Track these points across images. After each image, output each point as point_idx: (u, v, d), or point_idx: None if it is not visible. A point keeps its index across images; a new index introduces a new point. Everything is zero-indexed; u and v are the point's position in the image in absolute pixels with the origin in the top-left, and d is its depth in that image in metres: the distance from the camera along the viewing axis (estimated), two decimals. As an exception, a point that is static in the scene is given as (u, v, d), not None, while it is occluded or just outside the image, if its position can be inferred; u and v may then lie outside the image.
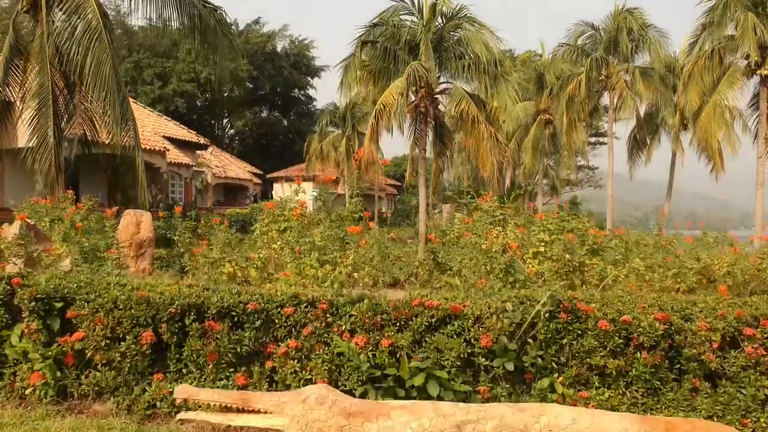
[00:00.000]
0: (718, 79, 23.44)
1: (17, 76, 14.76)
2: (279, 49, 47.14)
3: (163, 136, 24.88)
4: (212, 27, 15.56)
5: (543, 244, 6.03)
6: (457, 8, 20.87)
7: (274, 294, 4.80)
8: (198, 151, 30.04)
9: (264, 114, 50.08)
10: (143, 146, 16.33)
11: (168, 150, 23.79)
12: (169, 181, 25.76)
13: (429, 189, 24.53)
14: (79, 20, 14.04)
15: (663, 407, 4.72)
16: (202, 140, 29.56)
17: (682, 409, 4.71)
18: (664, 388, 4.77)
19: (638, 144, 32.16)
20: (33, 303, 4.63)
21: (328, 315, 4.70)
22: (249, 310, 4.60)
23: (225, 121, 48.62)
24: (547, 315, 4.66)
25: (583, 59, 29.46)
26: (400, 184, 48.86)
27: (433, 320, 4.65)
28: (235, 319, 4.64)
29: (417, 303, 4.74)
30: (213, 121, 48.03)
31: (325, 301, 4.72)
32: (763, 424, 4.66)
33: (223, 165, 36.06)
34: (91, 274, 5.27)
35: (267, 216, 6.37)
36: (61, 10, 14.27)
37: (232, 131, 49.28)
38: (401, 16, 21.27)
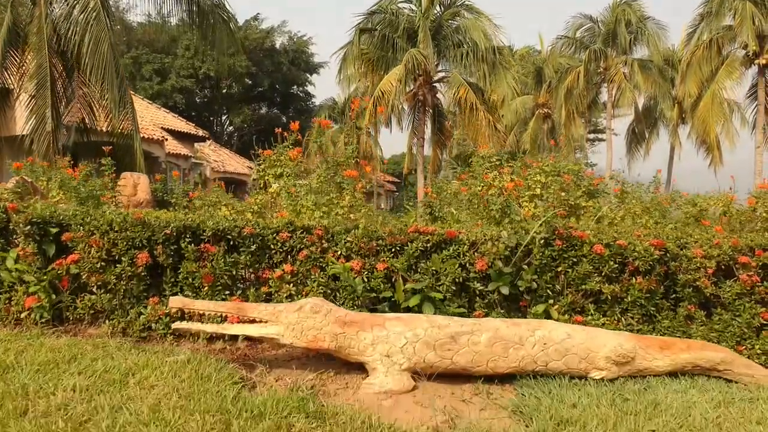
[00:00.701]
0: (716, 69, 23.54)
1: (15, 59, 14.76)
2: (278, 46, 47.13)
3: (162, 128, 24.88)
4: (210, 21, 15.55)
5: (540, 185, 6.05)
6: (456, -5, 21.01)
7: (270, 221, 4.80)
8: (196, 145, 30.02)
9: (263, 110, 50.00)
10: (141, 135, 16.30)
11: (166, 140, 23.79)
12: (167, 172, 25.67)
13: (427, 179, 24.52)
14: (76, 1, 14.08)
15: (658, 334, 4.73)
16: (200, 132, 29.53)
17: (677, 336, 4.71)
18: (659, 315, 4.78)
19: (637, 138, 32.23)
20: (28, 227, 4.61)
21: (323, 241, 4.70)
22: (245, 234, 4.59)
23: (224, 117, 48.61)
24: (542, 242, 4.67)
25: (582, 52, 29.57)
26: (399, 181, 48.87)
27: (428, 245, 4.65)
28: (231, 243, 4.63)
29: (413, 230, 4.76)
30: (212, 118, 48.00)
31: (321, 227, 4.72)
32: (758, 351, 4.67)
33: (222, 160, 36.01)
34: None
35: (264, 162, 6.38)
36: (59, -8, 14.31)
37: (231, 128, 49.25)
38: (399, 4, 21.37)
